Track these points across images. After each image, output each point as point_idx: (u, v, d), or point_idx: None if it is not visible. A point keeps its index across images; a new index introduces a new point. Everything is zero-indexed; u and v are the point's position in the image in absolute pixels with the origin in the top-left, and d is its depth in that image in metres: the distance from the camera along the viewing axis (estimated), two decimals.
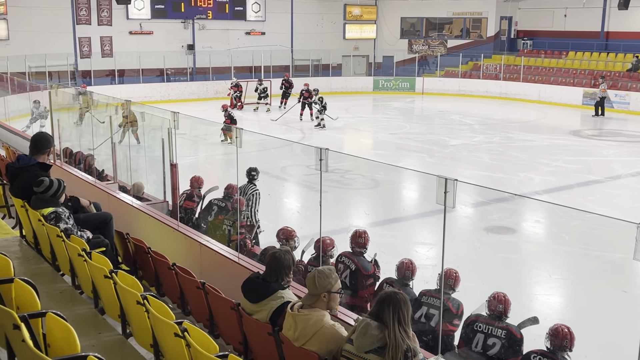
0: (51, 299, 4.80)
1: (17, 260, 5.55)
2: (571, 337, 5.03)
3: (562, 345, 4.99)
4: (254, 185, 8.86)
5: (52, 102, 11.00)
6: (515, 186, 14.06)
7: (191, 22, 30.86)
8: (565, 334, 5.01)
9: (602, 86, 25.18)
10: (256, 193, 8.80)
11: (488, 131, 21.87)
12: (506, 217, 12.05)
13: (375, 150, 18.88)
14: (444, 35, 35.10)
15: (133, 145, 12.58)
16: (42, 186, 5.48)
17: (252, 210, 8.72)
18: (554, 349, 5.01)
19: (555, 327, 5.09)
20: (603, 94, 25.01)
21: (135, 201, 8.33)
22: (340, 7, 34.99)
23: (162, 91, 28.60)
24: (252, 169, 8.95)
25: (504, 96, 29.87)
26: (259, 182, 9.05)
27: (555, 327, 5.08)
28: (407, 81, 32.71)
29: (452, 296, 5.87)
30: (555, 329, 5.06)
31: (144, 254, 5.83)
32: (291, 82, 26.99)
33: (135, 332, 4.35)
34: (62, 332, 3.26)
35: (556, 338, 5.02)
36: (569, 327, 5.08)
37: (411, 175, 13.85)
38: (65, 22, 27.46)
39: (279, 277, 4.22)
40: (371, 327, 3.40)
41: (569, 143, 19.79)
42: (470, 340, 5.45)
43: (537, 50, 32.58)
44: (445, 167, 15.82)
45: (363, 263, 6.53)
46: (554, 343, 5.02)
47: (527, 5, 33.70)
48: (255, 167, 8.95)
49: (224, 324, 4.74)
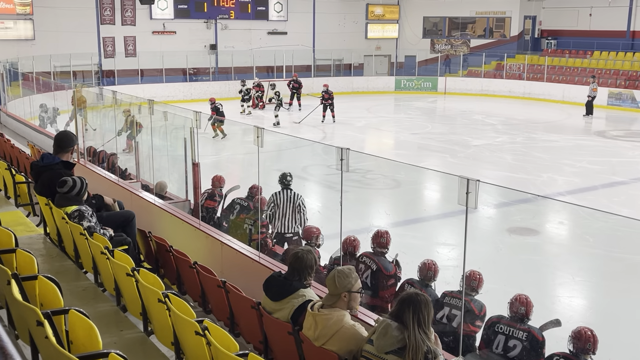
0: (74, 296, 4.85)
1: (41, 258, 5.61)
2: (594, 340, 4.97)
3: (585, 348, 4.94)
4: (292, 190, 8.56)
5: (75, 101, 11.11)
6: (539, 187, 13.92)
7: (214, 22, 31.01)
8: (589, 337, 4.95)
9: (593, 85, 24.79)
10: (303, 200, 8.59)
11: (511, 131, 21.68)
12: (529, 219, 11.93)
13: (396, 150, 18.82)
14: (466, 35, 34.88)
15: (155, 145, 12.67)
16: (65, 187, 5.54)
17: (304, 218, 8.55)
18: (577, 352, 4.96)
19: (578, 329, 5.03)
20: (594, 94, 24.61)
21: (158, 200, 8.40)
22: (363, 7, 34.93)
23: (185, 91, 28.76)
24: (286, 174, 8.62)
25: (527, 96, 29.59)
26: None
27: (578, 330, 5.02)
28: (430, 81, 32.56)
29: (475, 297, 5.83)
30: (578, 332, 5.01)
31: (165, 252, 5.87)
32: (300, 82, 26.51)
33: (157, 330, 4.38)
34: (84, 329, 3.29)
35: (579, 341, 4.96)
36: (592, 330, 5.02)
37: (433, 176, 13.78)
38: (90, 22, 27.75)
39: (301, 276, 4.22)
40: (391, 328, 3.38)
41: (594, 144, 19.56)
42: (491, 342, 5.41)
43: (561, 50, 32.24)
44: (467, 168, 15.71)
45: (384, 263, 6.51)
46: (577, 346, 4.97)
47: (551, 4, 33.37)
48: (289, 173, 8.67)
49: (244, 323, 4.75)
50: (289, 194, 8.47)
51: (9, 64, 23.08)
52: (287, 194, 8.48)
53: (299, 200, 8.51)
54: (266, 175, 8.88)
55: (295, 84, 26.32)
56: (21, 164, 9.34)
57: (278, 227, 8.45)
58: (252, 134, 6.08)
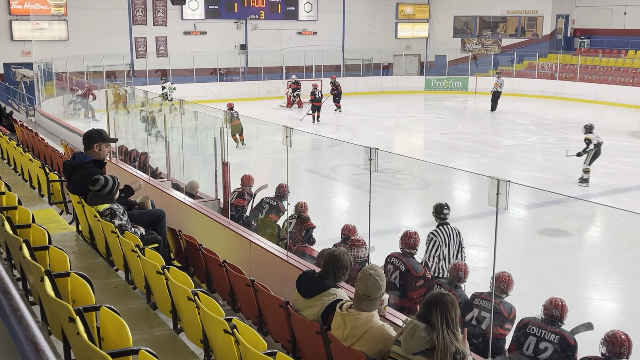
0: (105, 294, 4.91)
1: (73, 255, 5.69)
2: (629, 344, 4.87)
3: (620, 352, 4.84)
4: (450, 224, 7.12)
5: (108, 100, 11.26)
6: (571, 188, 13.72)
7: (244, 22, 31.18)
8: (623, 341, 4.86)
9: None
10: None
11: (542, 132, 21.39)
12: (560, 220, 11.77)
13: (426, 150, 18.70)
14: (498, 34, 34.52)
15: (186, 144, 12.79)
16: (97, 185, 5.61)
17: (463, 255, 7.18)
18: (610, 356, 4.86)
19: (612, 333, 4.94)
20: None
21: (188, 198, 8.46)
22: (393, 6, 34.78)
23: (215, 91, 28.96)
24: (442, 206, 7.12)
25: (559, 96, 29.18)
26: (311, 182, 8.91)
27: (612, 334, 4.93)
28: (460, 80, 32.31)
29: (505, 300, 5.76)
30: (612, 335, 4.91)
31: (195, 250, 5.91)
32: (338, 84, 26.02)
33: (186, 328, 4.41)
34: (115, 326, 3.33)
35: (613, 345, 4.87)
36: (626, 334, 4.93)
37: (463, 176, 13.67)
38: (122, 23, 28.12)
39: (335, 276, 4.23)
40: (419, 329, 3.36)
41: (628, 144, 19.20)
42: (522, 344, 5.34)
43: (594, 49, 31.72)
44: (497, 168, 15.56)
45: (413, 264, 6.47)
46: (611, 350, 4.87)
47: (584, 2, 32.85)
48: (445, 204, 7.15)
49: (272, 322, 4.76)
50: (448, 231, 7.08)
51: (43, 64, 23.49)
52: (447, 230, 7.08)
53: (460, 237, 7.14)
54: (295, 174, 8.88)
55: (333, 86, 26.10)
56: (54, 163, 9.49)
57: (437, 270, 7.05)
58: (281, 134, 6.10)
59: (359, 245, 6.69)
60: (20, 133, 12.55)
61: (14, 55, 25.87)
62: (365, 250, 6.61)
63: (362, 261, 6.57)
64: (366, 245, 6.55)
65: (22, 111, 23.95)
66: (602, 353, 4.91)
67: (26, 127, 13.04)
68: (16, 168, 9.23)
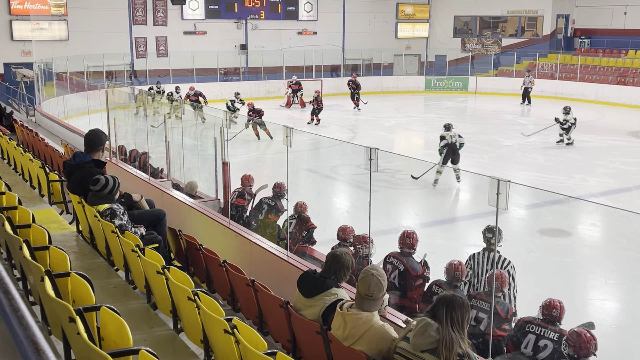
0: (105, 293, 4.91)
1: (73, 255, 5.69)
2: (594, 341, 4.87)
3: (588, 352, 4.84)
4: (496, 252, 6.33)
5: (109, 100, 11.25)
6: (571, 188, 13.71)
7: (244, 22, 31.17)
8: (589, 339, 4.85)
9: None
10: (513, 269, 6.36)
11: (543, 131, 21.37)
12: (561, 220, 11.76)
13: (426, 150, 18.67)
14: (498, 34, 34.51)
15: (186, 144, 12.79)
16: (98, 185, 5.61)
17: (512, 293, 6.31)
18: (579, 357, 4.85)
19: (576, 335, 4.89)
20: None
21: (188, 198, 8.46)
22: (393, 6, 34.78)
23: (215, 90, 28.92)
24: (492, 229, 6.29)
25: (559, 96, 29.13)
26: (312, 182, 8.90)
27: (577, 334, 4.89)
28: (460, 80, 32.30)
29: (502, 300, 5.76)
30: (576, 337, 4.88)
31: (195, 250, 5.92)
32: (358, 82, 26.08)
33: (186, 328, 4.41)
34: (115, 326, 3.33)
35: (581, 348, 4.85)
36: (590, 332, 4.93)
37: (463, 176, 13.68)
38: (122, 23, 28.12)
39: (336, 276, 4.24)
40: (430, 327, 3.37)
41: (628, 144, 19.20)
42: (520, 343, 5.34)
43: (595, 49, 31.71)
44: (498, 168, 15.55)
45: (412, 264, 6.47)
46: (579, 352, 4.86)
47: (585, 2, 32.83)
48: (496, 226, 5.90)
49: (273, 322, 4.77)
50: (490, 257, 6.41)
51: (43, 64, 23.49)
52: (489, 257, 6.46)
53: (506, 265, 6.31)
54: (295, 174, 8.88)
55: (353, 85, 25.99)
56: (55, 163, 9.50)
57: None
58: (281, 134, 6.10)
59: (365, 242, 6.69)
60: (21, 133, 12.56)
61: (14, 55, 25.87)
62: (372, 246, 6.56)
63: (370, 258, 6.58)
64: (373, 242, 6.48)
65: (22, 111, 23.94)
66: (569, 354, 4.89)
67: (26, 127, 13.05)
68: (16, 168, 9.23)
